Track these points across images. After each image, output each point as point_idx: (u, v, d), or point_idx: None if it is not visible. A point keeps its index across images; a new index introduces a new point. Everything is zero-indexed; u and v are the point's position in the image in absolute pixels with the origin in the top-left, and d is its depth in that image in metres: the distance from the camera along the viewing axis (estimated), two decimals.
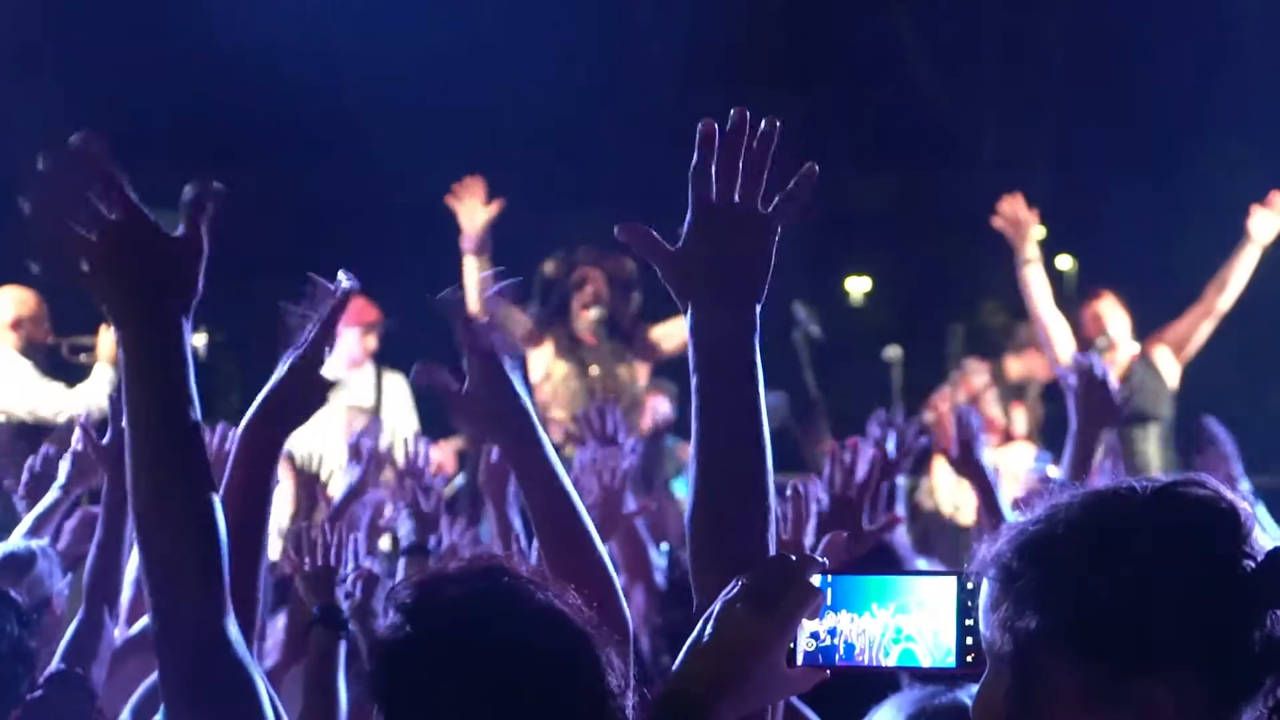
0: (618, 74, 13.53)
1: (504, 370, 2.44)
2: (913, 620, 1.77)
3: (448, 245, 7.57)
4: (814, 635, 1.79)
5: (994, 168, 14.40)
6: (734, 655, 1.77)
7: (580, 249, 7.71)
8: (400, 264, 7.71)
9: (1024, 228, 7.32)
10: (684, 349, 2.12)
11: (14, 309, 7.36)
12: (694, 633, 1.80)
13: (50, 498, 4.20)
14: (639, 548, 4.61)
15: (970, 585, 1.75)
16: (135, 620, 3.78)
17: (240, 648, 1.99)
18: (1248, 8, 13.59)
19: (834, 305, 13.97)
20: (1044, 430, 8.86)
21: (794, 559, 1.81)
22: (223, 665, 1.98)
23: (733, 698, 1.77)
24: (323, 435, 6.81)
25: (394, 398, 8.17)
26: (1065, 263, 12.88)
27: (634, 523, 4.56)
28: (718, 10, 13.92)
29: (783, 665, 1.78)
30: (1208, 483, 1.69)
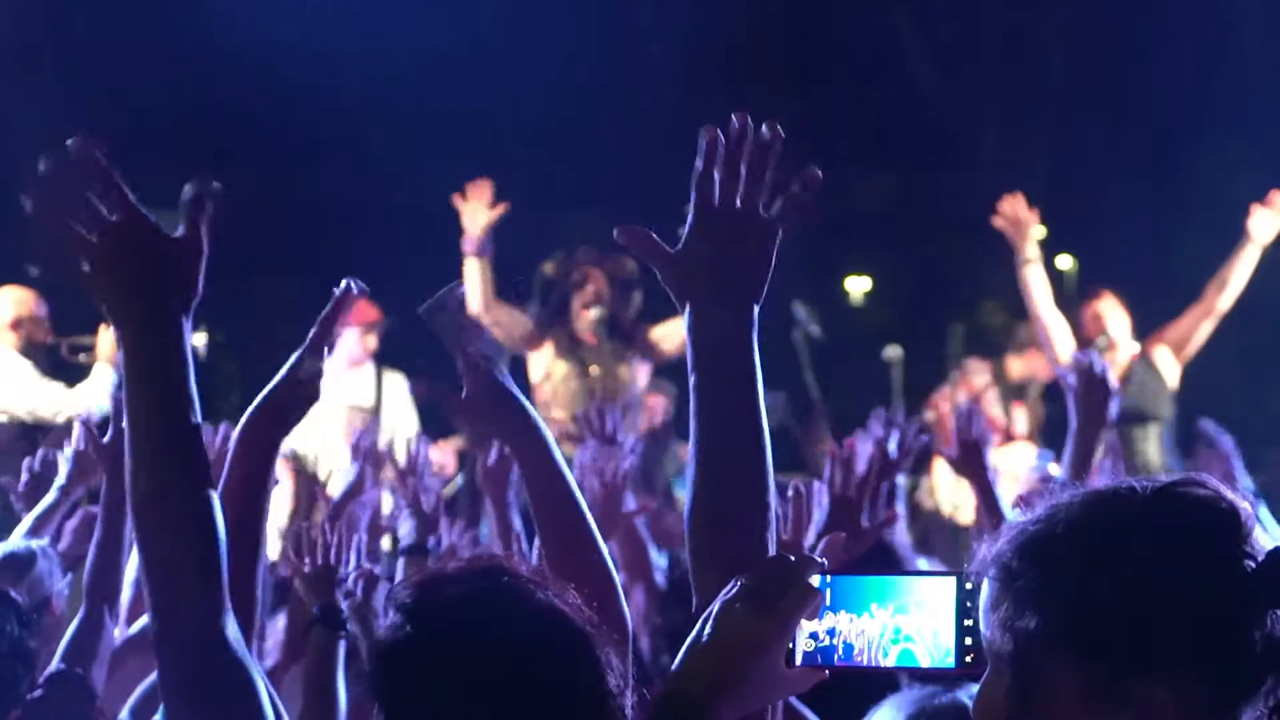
0: (618, 74, 13.53)
1: (496, 372, 2.45)
2: (912, 620, 1.77)
3: (448, 245, 7.57)
4: (813, 635, 1.79)
5: (994, 168, 14.40)
6: (733, 655, 1.77)
7: (580, 249, 7.70)
8: (400, 264, 7.70)
9: (1024, 227, 7.32)
10: (684, 349, 2.12)
11: (14, 309, 7.35)
12: (693, 633, 1.80)
13: (50, 498, 4.20)
14: (639, 547, 4.61)
15: (969, 585, 1.75)
16: (135, 620, 3.78)
17: (240, 647, 1.99)
18: (1248, 8, 13.59)
19: (834, 305, 13.97)
20: (1044, 430, 8.86)
21: (793, 559, 1.81)
22: (222, 665, 1.97)
23: (732, 698, 1.77)
24: (323, 435, 6.81)
25: (394, 398, 8.17)
26: (1065, 263, 12.88)
27: (634, 522, 4.56)
28: (718, 10, 13.92)
29: (782, 665, 1.78)
30: (1208, 483, 1.69)
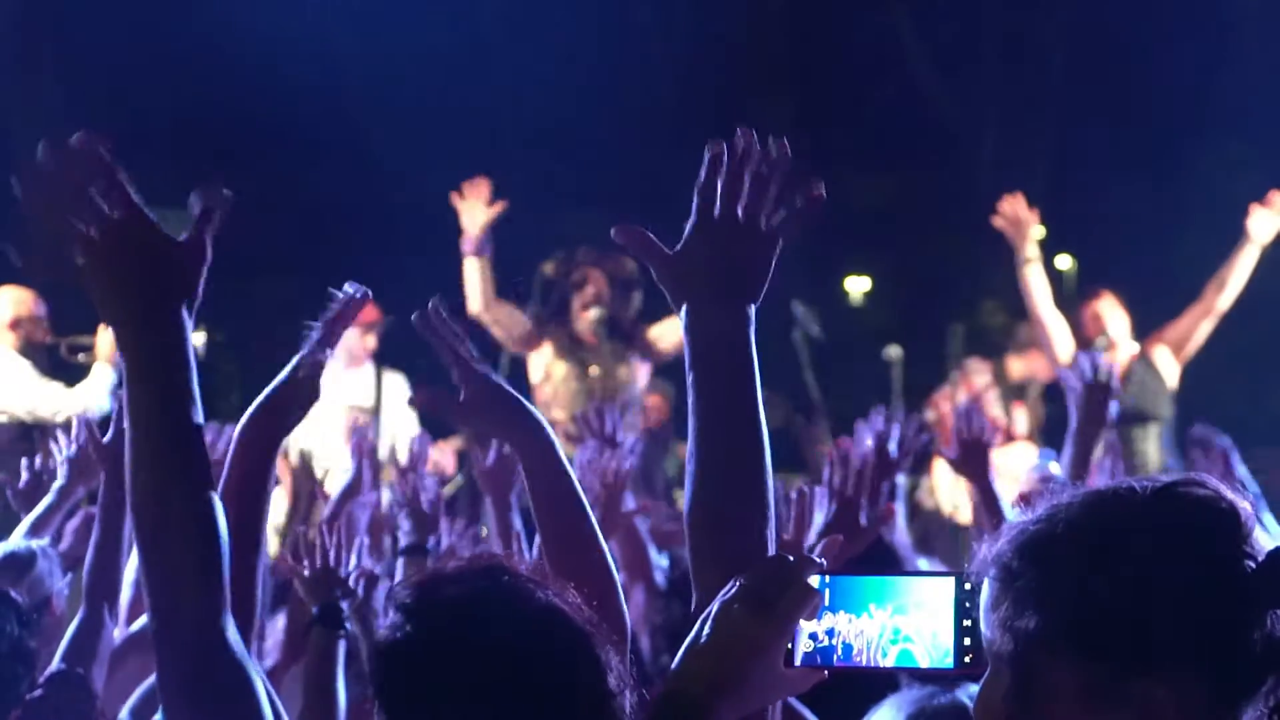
0: (618, 74, 13.53)
1: (491, 374, 2.46)
2: (911, 621, 1.77)
3: (448, 245, 7.56)
4: (812, 636, 1.79)
5: (994, 168, 14.42)
6: (732, 655, 1.77)
7: (580, 249, 7.69)
8: (400, 264, 7.71)
9: (1024, 227, 7.32)
10: (681, 347, 2.12)
11: (13, 309, 7.35)
12: (692, 633, 1.80)
13: (48, 499, 4.20)
14: (639, 547, 4.61)
15: (968, 586, 1.75)
16: (135, 620, 3.78)
17: (239, 648, 1.99)
18: (1248, 8, 13.60)
19: (834, 305, 13.99)
20: (1044, 430, 8.85)
21: (792, 559, 1.80)
22: (222, 665, 1.97)
23: (731, 698, 1.77)
24: (323, 435, 6.81)
25: (394, 398, 8.16)
26: (1065, 263, 12.88)
27: (634, 522, 4.56)
28: (718, 10, 13.94)
29: (780, 666, 1.78)
30: (1208, 483, 1.68)
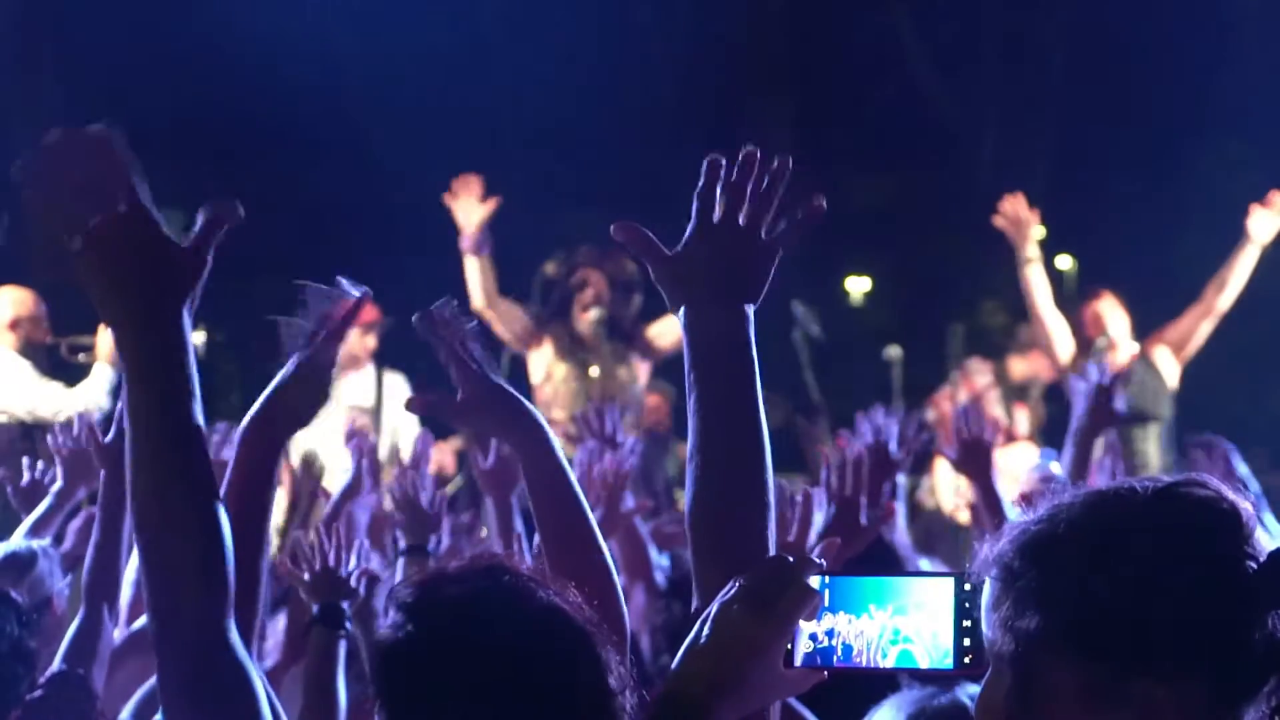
0: (618, 74, 13.53)
1: (490, 374, 2.45)
2: (910, 621, 1.77)
3: (448, 245, 7.56)
4: (812, 636, 1.79)
5: (994, 168, 14.42)
6: (732, 656, 1.77)
7: (580, 249, 7.69)
8: (400, 264, 7.71)
9: (1024, 227, 7.32)
10: (680, 346, 2.11)
11: (13, 309, 7.35)
12: (691, 633, 1.80)
13: (48, 501, 4.20)
14: (639, 547, 4.60)
15: (968, 586, 1.75)
16: (135, 620, 3.78)
17: (240, 648, 1.98)
18: (1248, 8, 13.60)
19: (834, 305, 13.98)
20: (1045, 430, 8.85)
21: (791, 560, 1.80)
22: (222, 666, 1.96)
23: (731, 698, 1.77)
24: (323, 435, 6.81)
25: (394, 398, 8.16)
26: (1065, 263, 12.88)
27: (633, 522, 4.56)
28: (718, 10, 13.94)
29: (780, 666, 1.78)
30: (1209, 483, 1.68)
